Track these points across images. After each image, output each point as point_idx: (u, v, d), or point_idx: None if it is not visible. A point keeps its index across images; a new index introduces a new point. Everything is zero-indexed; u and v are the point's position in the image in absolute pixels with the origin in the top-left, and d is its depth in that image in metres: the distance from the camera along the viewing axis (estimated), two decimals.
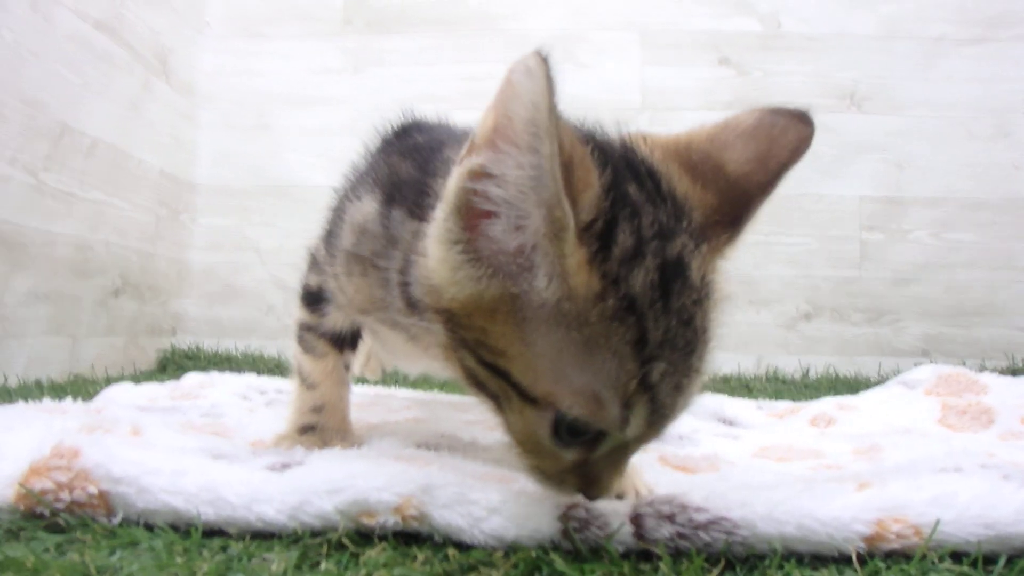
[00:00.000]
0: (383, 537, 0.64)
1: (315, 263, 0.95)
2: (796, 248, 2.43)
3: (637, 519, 0.62)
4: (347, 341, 0.99)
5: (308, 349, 0.98)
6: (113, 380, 1.76)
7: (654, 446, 1.05)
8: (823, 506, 0.62)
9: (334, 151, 2.38)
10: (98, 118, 1.99)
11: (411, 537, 0.64)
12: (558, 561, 0.58)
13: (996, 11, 2.41)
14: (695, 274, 0.58)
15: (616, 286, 0.54)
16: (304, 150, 2.56)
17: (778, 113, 0.66)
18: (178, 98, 2.45)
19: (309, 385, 0.98)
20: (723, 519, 0.62)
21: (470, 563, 0.59)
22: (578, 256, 0.53)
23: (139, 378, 1.90)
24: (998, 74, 2.40)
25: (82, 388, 1.60)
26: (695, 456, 1.03)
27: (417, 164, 0.77)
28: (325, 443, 0.92)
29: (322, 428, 0.97)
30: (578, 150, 0.53)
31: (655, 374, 0.55)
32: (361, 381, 1.77)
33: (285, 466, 0.73)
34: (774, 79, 2.47)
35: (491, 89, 0.52)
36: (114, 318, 2.10)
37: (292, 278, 1.02)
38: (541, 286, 0.54)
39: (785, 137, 0.65)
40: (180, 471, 0.67)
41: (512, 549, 0.61)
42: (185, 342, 2.46)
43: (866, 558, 0.60)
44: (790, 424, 1.42)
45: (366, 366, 1.57)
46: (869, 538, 0.61)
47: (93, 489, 0.65)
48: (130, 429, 0.87)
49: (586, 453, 0.60)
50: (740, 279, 2.37)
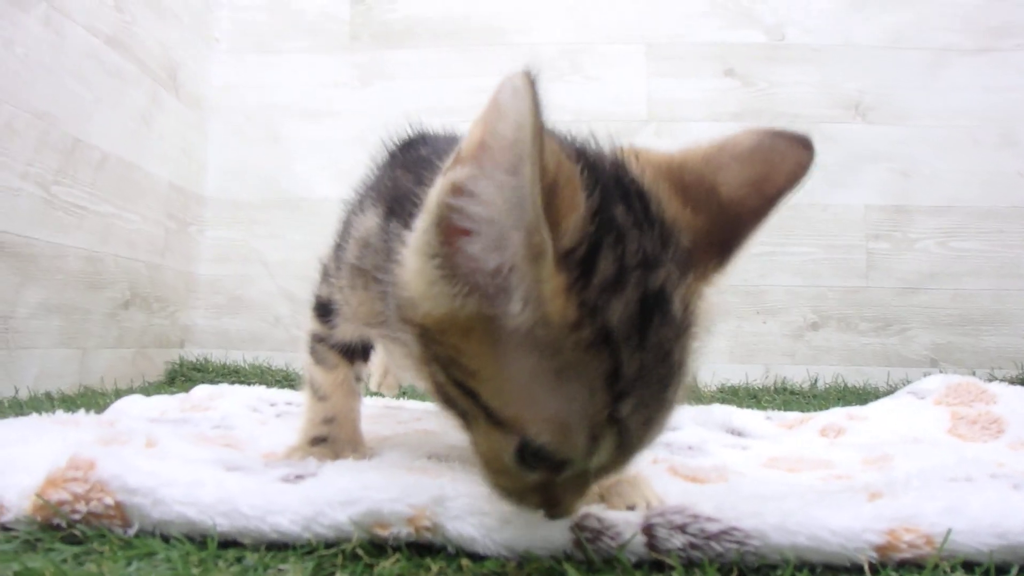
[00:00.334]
0: (396, 548, 0.64)
1: (326, 275, 0.96)
2: (802, 258, 2.43)
3: (649, 529, 0.62)
4: (358, 353, 0.99)
5: (319, 360, 0.99)
6: (122, 392, 1.77)
7: (664, 456, 1.06)
8: (835, 516, 0.62)
9: (342, 164, 2.41)
10: (108, 132, 2.02)
11: (424, 548, 0.65)
12: (571, 571, 0.58)
13: (1000, 21, 2.42)
14: (676, 307, 0.56)
15: (593, 316, 0.52)
16: (312, 163, 2.57)
17: (778, 136, 0.63)
18: (187, 112, 2.47)
19: (320, 396, 0.98)
20: (735, 529, 0.62)
21: (483, 573, 0.60)
22: (556, 282, 0.51)
23: (148, 390, 1.91)
24: (1003, 83, 2.41)
25: (92, 400, 1.61)
26: (705, 466, 1.03)
27: (417, 177, 0.77)
28: (337, 455, 0.92)
29: (333, 439, 0.97)
30: (565, 170, 0.51)
31: (626, 408, 0.53)
32: (377, 396, 1.77)
33: (299, 477, 0.74)
34: (780, 90, 2.48)
35: None
36: (123, 330, 2.12)
37: (300, 290, 1.02)
38: (516, 310, 0.52)
39: (784, 162, 0.62)
40: (195, 482, 0.68)
41: (525, 559, 0.62)
42: (193, 354, 2.47)
43: (878, 568, 0.60)
44: (800, 434, 1.41)
45: (383, 382, 1.57)
46: (881, 548, 0.61)
47: (109, 500, 0.66)
48: (145, 441, 0.88)
49: (549, 476, 0.59)
50: (746, 289, 2.38)
